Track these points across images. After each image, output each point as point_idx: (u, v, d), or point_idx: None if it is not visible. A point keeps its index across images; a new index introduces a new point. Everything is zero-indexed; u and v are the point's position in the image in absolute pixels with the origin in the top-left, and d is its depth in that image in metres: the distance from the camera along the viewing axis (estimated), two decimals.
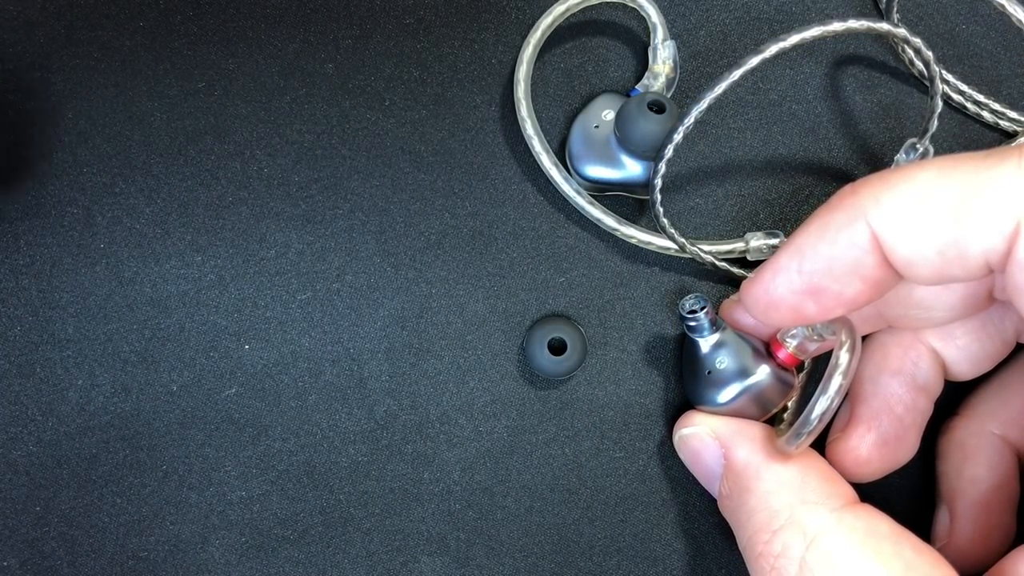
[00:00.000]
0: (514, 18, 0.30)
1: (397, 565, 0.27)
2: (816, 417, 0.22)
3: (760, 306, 0.24)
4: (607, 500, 0.28)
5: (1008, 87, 0.32)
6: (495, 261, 0.28)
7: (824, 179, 0.30)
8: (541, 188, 0.29)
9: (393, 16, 0.30)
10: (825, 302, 0.22)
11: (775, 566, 0.22)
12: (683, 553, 0.28)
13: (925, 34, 0.26)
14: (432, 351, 0.28)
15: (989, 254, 0.20)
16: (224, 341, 0.27)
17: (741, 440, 0.25)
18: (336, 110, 0.29)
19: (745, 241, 0.28)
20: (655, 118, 0.26)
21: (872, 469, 0.26)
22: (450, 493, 0.27)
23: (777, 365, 0.25)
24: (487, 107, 0.29)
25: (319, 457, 0.27)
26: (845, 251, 0.21)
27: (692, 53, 0.31)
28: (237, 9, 0.29)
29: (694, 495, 0.28)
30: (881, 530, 0.22)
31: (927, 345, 0.26)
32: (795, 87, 0.31)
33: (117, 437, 0.27)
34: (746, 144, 0.30)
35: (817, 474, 0.23)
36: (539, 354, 0.27)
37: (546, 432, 0.28)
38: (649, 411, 0.28)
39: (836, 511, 0.22)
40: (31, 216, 0.27)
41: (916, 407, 0.26)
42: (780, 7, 0.31)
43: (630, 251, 0.29)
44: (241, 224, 0.28)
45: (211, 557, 0.27)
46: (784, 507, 0.23)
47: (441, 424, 0.28)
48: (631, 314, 0.29)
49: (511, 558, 0.27)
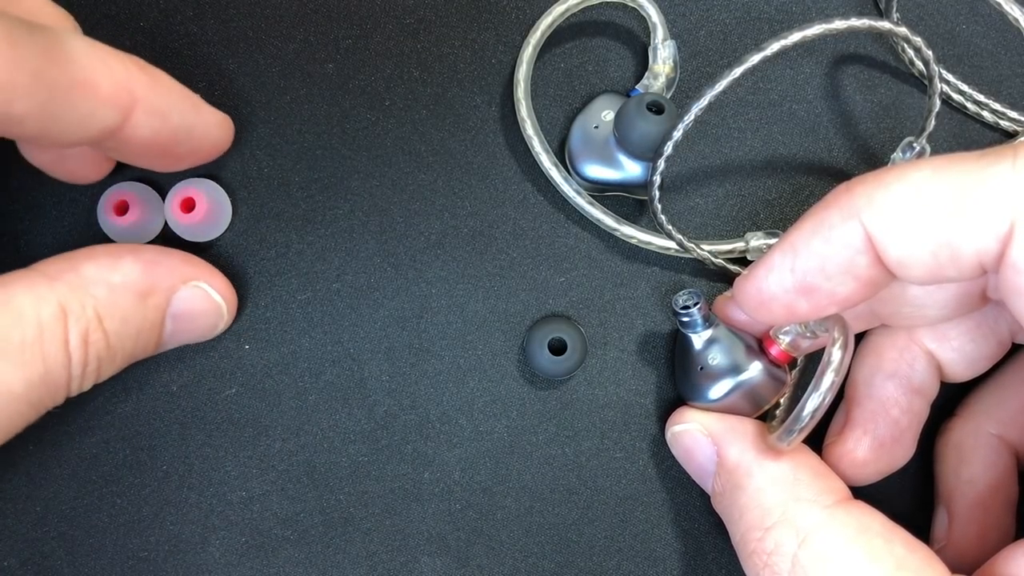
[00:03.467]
0: (514, 18, 0.30)
1: (397, 565, 0.27)
2: (808, 414, 0.22)
3: (753, 303, 0.24)
4: (607, 500, 0.28)
5: (1008, 87, 0.32)
6: (495, 261, 0.28)
7: (824, 179, 0.30)
8: (541, 188, 0.29)
9: (393, 16, 0.30)
10: (818, 300, 0.22)
11: (768, 563, 0.22)
12: (683, 553, 0.28)
13: (925, 34, 0.26)
14: (432, 351, 0.28)
15: (982, 255, 0.19)
16: (224, 341, 0.27)
17: (733, 437, 0.25)
18: (336, 110, 0.29)
19: (745, 241, 0.28)
20: (654, 119, 0.26)
21: (869, 472, 0.26)
22: (450, 493, 0.27)
23: (770, 362, 0.25)
24: (487, 107, 0.29)
25: (319, 457, 0.27)
26: (838, 250, 0.21)
27: (692, 53, 0.31)
28: (237, 9, 0.29)
29: (694, 495, 0.28)
30: (873, 527, 0.22)
31: (922, 347, 0.26)
32: (795, 87, 0.31)
33: (117, 437, 0.27)
34: (746, 144, 0.30)
35: (809, 471, 0.23)
36: (539, 354, 0.27)
37: (546, 432, 0.28)
38: (649, 411, 0.28)
39: (828, 508, 0.22)
40: (31, 216, 0.27)
41: (912, 409, 0.26)
42: (780, 6, 0.31)
43: (630, 251, 0.29)
44: (241, 224, 0.28)
45: (211, 557, 0.27)
46: (776, 504, 0.23)
47: (441, 424, 0.28)
48: (631, 314, 0.29)
49: (511, 558, 0.27)
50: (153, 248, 0.24)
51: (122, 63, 0.22)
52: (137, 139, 0.23)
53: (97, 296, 0.22)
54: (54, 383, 0.22)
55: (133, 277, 0.23)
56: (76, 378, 0.22)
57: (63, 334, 0.21)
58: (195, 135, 0.24)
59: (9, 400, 0.21)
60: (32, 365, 0.21)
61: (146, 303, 0.23)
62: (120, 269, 0.23)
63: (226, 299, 0.26)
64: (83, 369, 0.22)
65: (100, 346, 0.22)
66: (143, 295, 0.23)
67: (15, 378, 0.21)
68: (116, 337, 0.23)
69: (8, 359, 0.20)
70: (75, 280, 0.22)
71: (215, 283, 0.25)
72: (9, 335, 0.21)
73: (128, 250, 0.24)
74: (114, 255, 0.23)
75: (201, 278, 0.25)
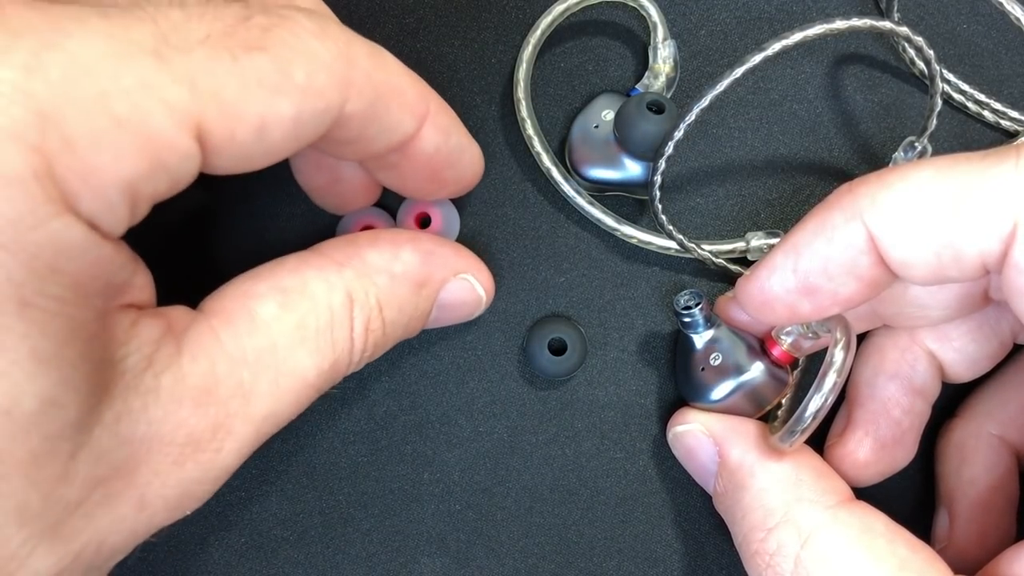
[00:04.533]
0: (514, 18, 0.30)
1: (397, 565, 0.27)
2: (810, 415, 0.22)
3: (755, 304, 0.24)
4: (607, 500, 0.28)
5: (1009, 87, 0.32)
6: (495, 261, 0.28)
7: (825, 179, 0.30)
8: (541, 188, 0.29)
9: (393, 16, 0.30)
10: (820, 301, 0.22)
11: (770, 564, 0.22)
12: (683, 553, 0.28)
13: (926, 33, 0.26)
14: (432, 351, 0.28)
15: (985, 255, 0.19)
16: None
17: (735, 438, 0.25)
18: None
19: (745, 241, 0.28)
20: (654, 119, 0.26)
21: (870, 473, 0.26)
22: (450, 493, 0.27)
23: (772, 362, 0.25)
24: (487, 107, 0.29)
25: (318, 457, 0.27)
26: (841, 251, 0.21)
27: (692, 52, 0.31)
28: None
29: (694, 495, 0.28)
30: (876, 527, 0.22)
31: (924, 347, 0.26)
32: (796, 86, 0.31)
33: None
34: (746, 144, 0.30)
35: (811, 471, 0.23)
36: (539, 354, 0.27)
37: (546, 432, 0.28)
38: (649, 411, 0.28)
39: (831, 508, 0.22)
40: None
41: (913, 410, 0.26)
42: (781, 6, 0.31)
43: (630, 251, 0.29)
44: (241, 224, 0.28)
45: (211, 557, 0.27)
46: (779, 505, 0.23)
47: (441, 424, 0.28)
48: (631, 314, 0.29)
49: (511, 558, 0.27)
50: (428, 237, 0.25)
51: (416, 76, 0.22)
52: (420, 154, 0.23)
53: (379, 285, 0.23)
54: (338, 370, 0.22)
55: (412, 267, 0.23)
56: (354, 364, 0.23)
57: (349, 322, 0.22)
58: (464, 160, 0.25)
59: (303, 388, 0.21)
60: (324, 353, 0.21)
61: (420, 293, 0.24)
62: (401, 258, 0.23)
63: (487, 291, 0.26)
64: (361, 356, 0.23)
65: (378, 335, 0.23)
66: (419, 285, 0.24)
67: (309, 365, 0.21)
68: (391, 326, 0.23)
69: (305, 347, 0.21)
70: (361, 267, 0.22)
71: (481, 277, 0.26)
72: (306, 322, 0.21)
73: (407, 238, 0.24)
74: (395, 243, 0.23)
75: (470, 271, 0.25)
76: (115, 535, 0.18)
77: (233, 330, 0.20)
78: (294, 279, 0.21)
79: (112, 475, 0.18)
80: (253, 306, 0.21)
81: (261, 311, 0.21)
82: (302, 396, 0.21)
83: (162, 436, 0.18)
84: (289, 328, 0.21)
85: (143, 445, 0.18)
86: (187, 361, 0.19)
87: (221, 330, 0.20)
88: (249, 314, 0.20)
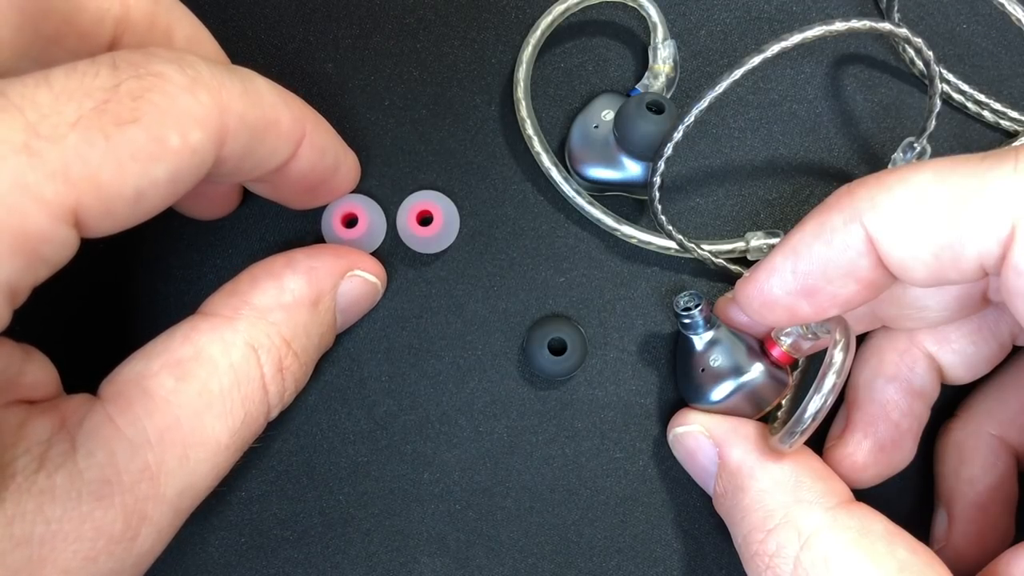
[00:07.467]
0: (514, 18, 0.30)
1: (397, 565, 0.27)
2: (810, 416, 0.22)
3: (754, 305, 0.24)
4: (607, 500, 0.28)
5: (1009, 87, 0.32)
6: (495, 261, 0.28)
7: (824, 179, 0.30)
8: (541, 188, 0.29)
9: (393, 16, 0.30)
10: (819, 302, 0.22)
11: (770, 565, 0.22)
12: (683, 554, 0.28)
13: (925, 34, 0.26)
14: (432, 351, 0.28)
15: (984, 257, 0.20)
16: None
17: (735, 439, 0.25)
18: (336, 110, 0.29)
19: (745, 241, 0.28)
20: (653, 119, 0.26)
21: (869, 475, 0.26)
22: (450, 493, 0.27)
23: (771, 363, 0.25)
24: (487, 107, 0.29)
25: (318, 457, 0.27)
26: (840, 253, 0.21)
27: (692, 52, 0.31)
28: (237, 9, 0.29)
29: (694, 495, 0.28)
30: (876, 529, 0.22)
31: (923, 349, 0.26)
32: (796, 87, 0.31)
33: None
34: (746, 144, 0.30)
35: (811, 473, 0.23)
36: (539, 354, 0.27)
37: (546, 432, 0.28)
38: (649, 411, 0.28)
39: (830, 510, 0.22)
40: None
41: (912, 412, 0.26)
42: (781, 6, 0.31)
43: (630, 251, 0.29)
44: (241, 223, 0.28)
45: (211, 557, 0.27)
46: (778, 506, 0.23)
47: (441, 424, 0.28)
48: (631, 314, 0.29)
49: (511, 558, 0.27)
50: (303, 252, 0.25)
51: (295, 99, 0.22)
52: (295, 173, 0.23)
53: (278, 322, 0.23)
54: (254, 422, 0.22)
55: (301, 290, 0.23)
56: (275, 406, 0.23)
57: (258, 371, 0.22)
58: (340, 172, 0.25)
59: (217, 452, 0.21)
60: (234, 412, 0.21)
61: (319, 310, 0.24)
62: (287, 287, 0.23)
63: (378, 277, 0.26)
64: (281, 397, 0.23)
65: (294, 368, 0.23)
66: (314, 303, 0.24)
67: (220, 429, 0.21)
68: (305, 353, 0.23)
69: (211, 412, 0.21)
70: (252, 314, 0.22)
71: (367, 266, 0.26)
72: (208, 387, 0.21)
73: (283, 264, 0.24)
74: (276, 275, 0.23)
75: (355, 266, 0.25)
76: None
77: (131, 414, 0.20)
78: (187, 348, 0.21)
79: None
80: (148, 385, 0.20)
81: (157, 389, 0.20)
82: (219, 461, 0.21)
83: (66, 534, 0.18)
84: (190, 398, 0.20)
85: (44, 545, 0.18)
86: (82, 456, 0.19)
87: (118, 416, 0.20)
88: (145, 394, 0.20)
